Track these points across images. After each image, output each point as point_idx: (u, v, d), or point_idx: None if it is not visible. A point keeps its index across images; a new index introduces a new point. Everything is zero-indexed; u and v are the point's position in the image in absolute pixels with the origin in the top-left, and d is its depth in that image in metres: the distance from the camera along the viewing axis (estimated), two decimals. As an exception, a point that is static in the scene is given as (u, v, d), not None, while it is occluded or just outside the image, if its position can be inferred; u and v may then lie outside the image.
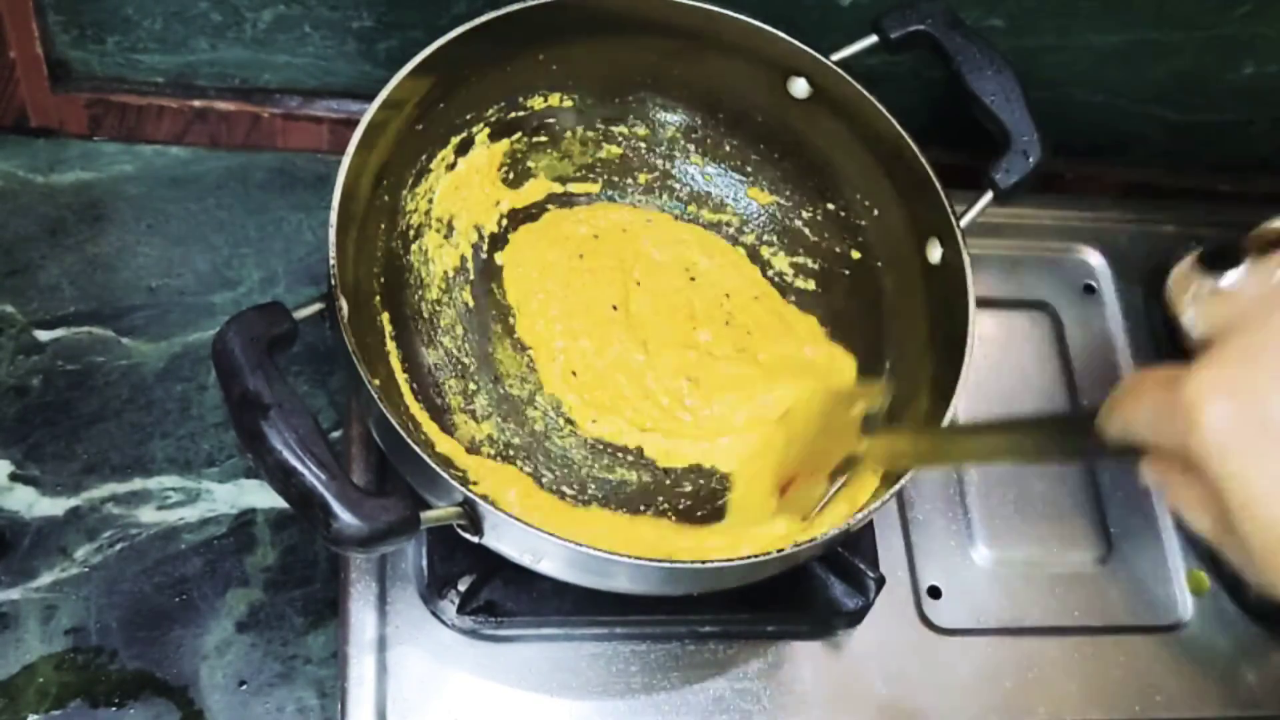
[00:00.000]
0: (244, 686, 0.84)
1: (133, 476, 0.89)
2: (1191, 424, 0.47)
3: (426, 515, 0.68)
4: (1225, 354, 0.48)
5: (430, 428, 0.83)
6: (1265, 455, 0.46)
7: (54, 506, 0.87)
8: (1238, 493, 0.47)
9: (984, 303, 0.82)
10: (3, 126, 0.99)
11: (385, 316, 0.85)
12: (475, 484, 0.83)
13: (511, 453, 0.86)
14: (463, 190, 0.91)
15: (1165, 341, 1.04)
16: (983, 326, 0.98)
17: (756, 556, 0.73)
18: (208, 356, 0.70)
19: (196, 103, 1.00)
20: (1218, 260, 0.49)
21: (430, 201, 0.89)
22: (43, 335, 0.93)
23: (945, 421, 0.78)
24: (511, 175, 0.94)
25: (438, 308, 0.89)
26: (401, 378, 0.84)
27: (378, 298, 0.85)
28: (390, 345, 0.85)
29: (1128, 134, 1.11)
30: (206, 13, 0.94)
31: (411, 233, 0.88)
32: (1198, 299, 0.49)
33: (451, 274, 0.90)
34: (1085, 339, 1.05)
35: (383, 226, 0.85)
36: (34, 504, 0.87)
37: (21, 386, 0.91)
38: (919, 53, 0.88)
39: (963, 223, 0.85)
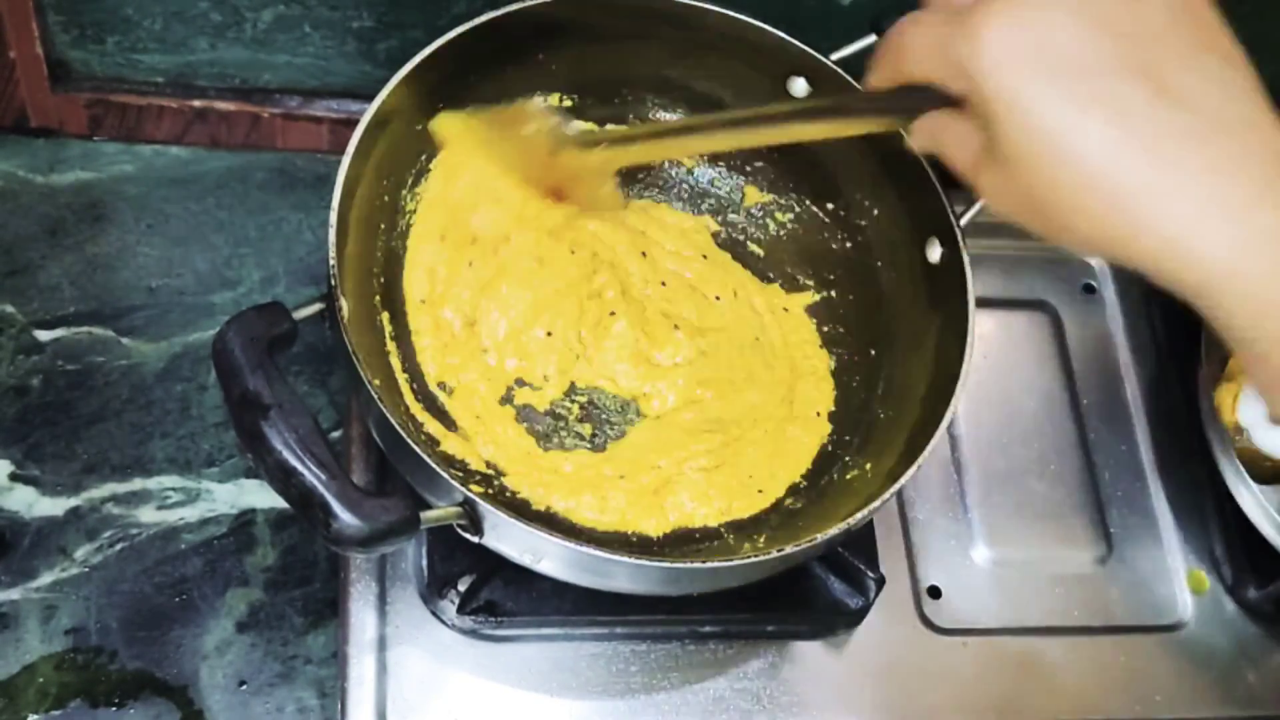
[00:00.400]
0: (244, 686, 0.84)
1: (133, 476, 0.89)
2: (975, 43, 0.49)
3: (426, 515, 0.68)
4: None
5: (431, 427, 0.83)
6: (1039, 76, 0.48)
7: (54, 506, 0.88)
8: (1010, 111, 0.49)
9: (984, 303, 0.82)
10: (3, 126, 0.99)
11: (385, 316, 0.85)
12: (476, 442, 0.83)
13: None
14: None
15: (1165, 341, 1.05)
16: (983, 326, 0.98)
17: (757, 557, 0.73)
18: (208, 356, 0.70)
19: (196, 103, 1.00)
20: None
21: (430, 202, 0.89)
22: (43, 335, 0.93)
23: (945, 422, 0.78)
24: (511, 175, 0.94)
25: (438, 308, 0.89)
26: (401, 377, 0.84)
27: (377, 297, 0.85)
28: (390, 345, 0.85)
29: (1128, 134, 1.11)
30: (206, 13, 0.94)
31: (412, 232, 0.88)
32: None
33: (451, 274, 0.90)
34: (1085, 339, 1.05)
35: (382, 226, 0.85)
36: (34, 504, 0.87)
37: (21, 386, 0.91)
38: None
39: (962, 222, 0.84)
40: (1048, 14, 0.49)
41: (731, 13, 0.87)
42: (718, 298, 0.92)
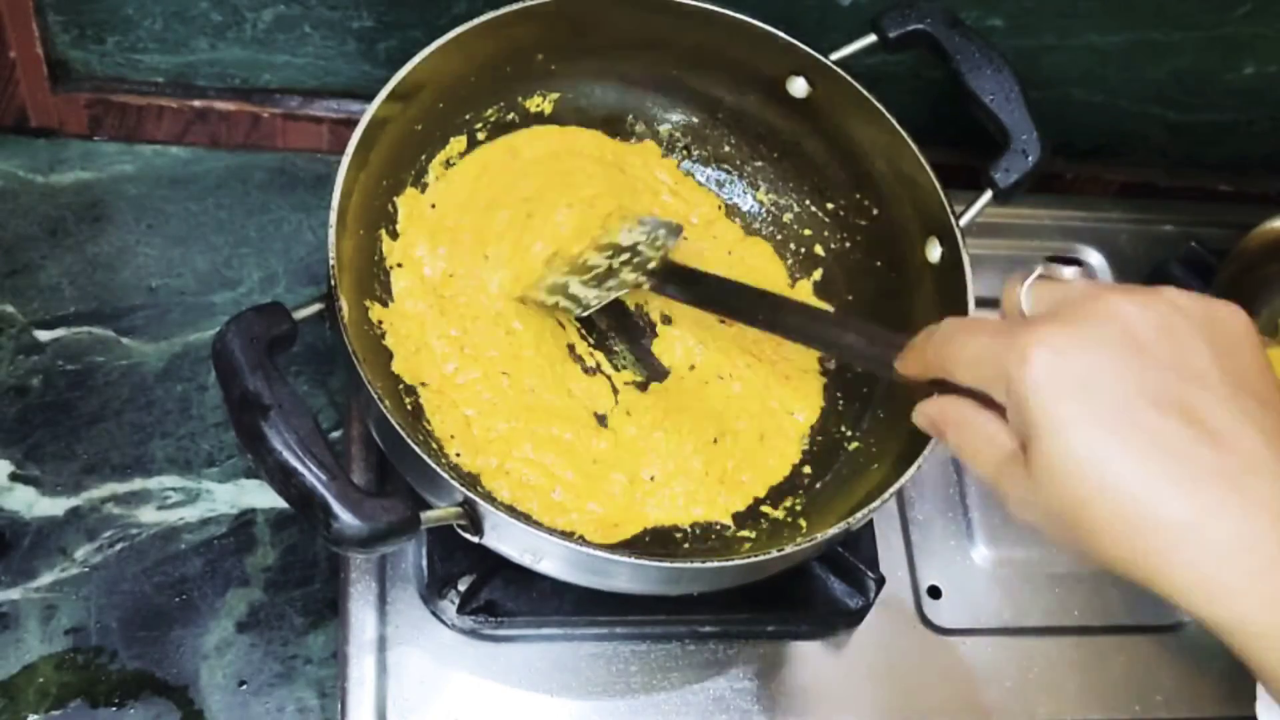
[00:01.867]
0: (244, 686, 0.84)
1: (133, 476, 0.89)
2: (1024, 364, 0.51)
3: (427, 515, 0.68)
4: (1056, 319, 0.52)
5: (430, 427, 0.83)
6: (1083, 405, 0.50)
7: (54, 506, 0.87)
8: (1051, 435, 0.50)
9: (984, 303, 0.82)
10: (3, 126, 0.99)
11: (384, 316, 0.84)
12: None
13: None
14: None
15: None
16: (983, 327, 0.98)
17: (757, 556, 0.73)
18: (208, 356, 0.70)
19: (196, 103, 1.00)
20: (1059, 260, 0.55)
21: (430, 202, 0.89)
22: (43, 335, 0.93)
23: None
24: (510, 176, 0.94)
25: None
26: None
27: (377, 298, 0.84)
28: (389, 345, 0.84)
29: (1128, 134, 1.11)
30: (206, 13, 0.94)
31: (411, 233, 0.88)
32: (1026, 293, 0.54)
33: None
34: (1085, 339, 1.05)
35: (382, 226, 0.85)
36: (34, 504, 0.87)
37: (21, 386, 0.91)
38: (919, 53, 0.88)
39: (962, 221, 0.85)
40: (1096, 343, 0.51)
41: (731, 12, 0.87)
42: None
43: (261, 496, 0.90)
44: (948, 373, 0.57)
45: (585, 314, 0.86)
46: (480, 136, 0.91)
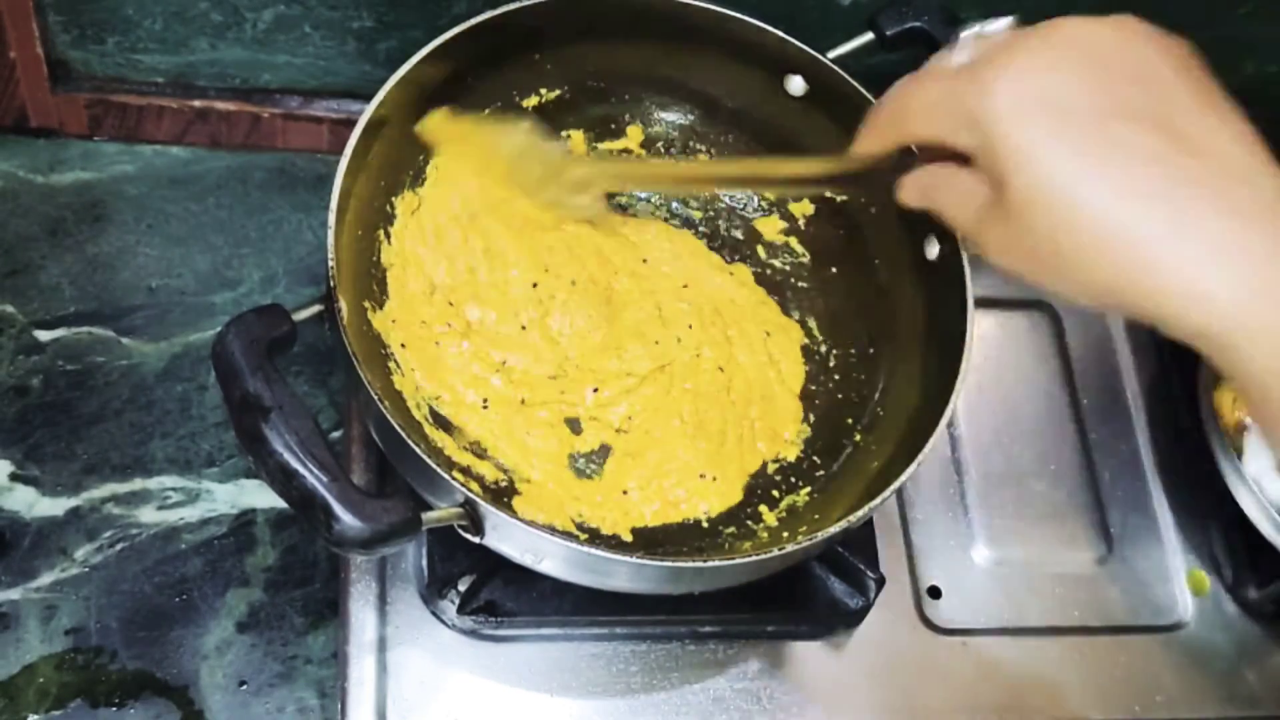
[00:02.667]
0: (244, 686, 0.84)
1: (133, 476, 0.89)
2: (987, 94, 0.50)
3: (428, 516, 0.68)
4: (1009, 52, 0.51)
5: (430, 427, 0.83)
6: (1053, 125, 0.49)
7: (54, 506, 0.88)
8: (1023, 161, 0.49)
9: (984, 302, 0.82)
10: (3, 126, 0.99)
11: (384, 317, 0.84)
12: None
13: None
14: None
15: (1165, 341, 1.04)
16: (982, 326, 0.98)
17: (756, 556, 0.73)
18: (208, 356, 0.70)
19: (196, 103, 1.00)
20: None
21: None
22: (43, 335, 0.93)
23: (944, 420, 0.78)
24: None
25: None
26: (398, 378, 0.83)
27: (376, 298, 0.84)
28: (389, 345, 0.84)
29: (1128, 134, 1.11)
30: (206, 13, 0.94)
31: (410, 233, 0.88)
32: (964, 44, 0.54)
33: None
34: (1085, 339, 1.05)
35: (381, 227, 0.85)
36: (34, 504, 0.87)
37: (21, 386, 0.91)
38: (919, 53, 0.88)
39: (961, 221, 0.85)
40: (1059, 64, 0.50)
41: (729, 11, 0.87)
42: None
43: (261, 496, 0.90)
44: (907, 133, 0.56)
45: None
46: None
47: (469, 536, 0.72)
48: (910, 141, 0.56)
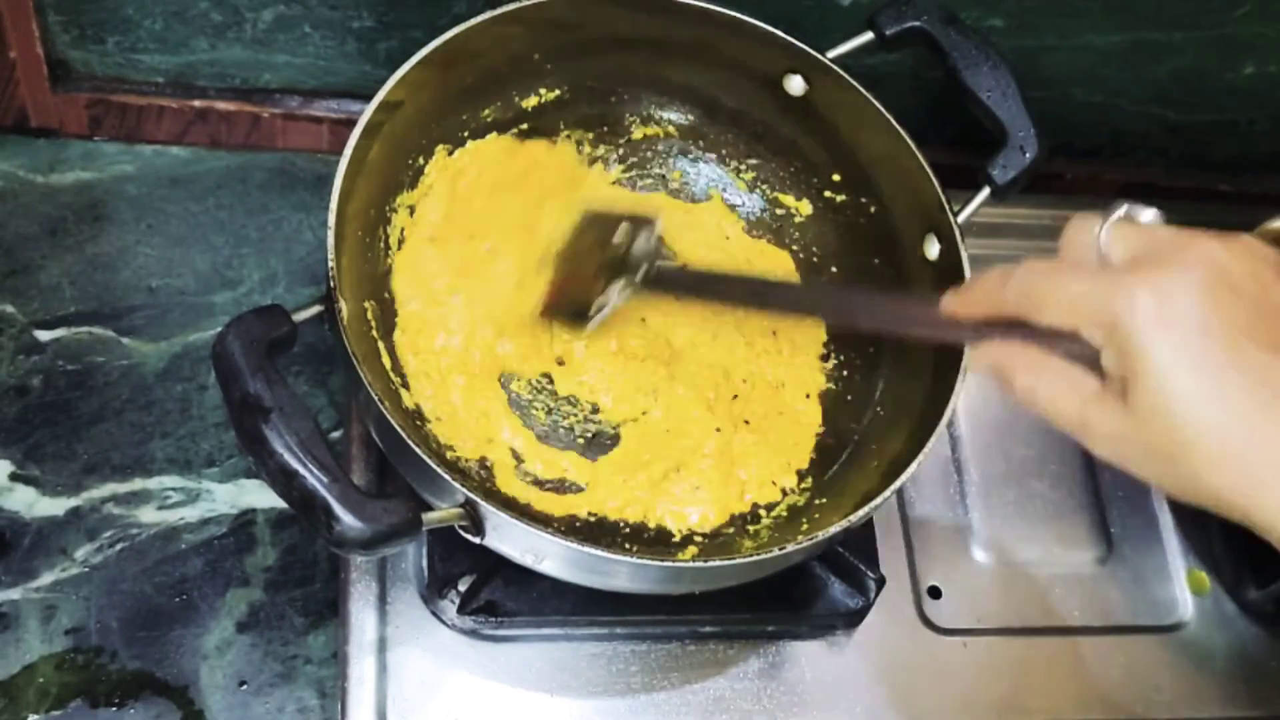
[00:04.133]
0: (244, 686, 0.84)
1: (133, 476, 0.89)
2: (1130, 303, 0.53)
3: (429, 517, 0.68)
4: (1157, 264, 0.54)
5: (431, 428, 0.83)
6: (1182, 345, 0.52)
7: (54, 506, 0.88)
8: (1150, 372, 0.52)
9: (983, 302, 0.82)
10: (3, 126, 0.99)
11: (384, 317, 0.84)
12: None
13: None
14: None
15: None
16: (983, 326, 0.98)
17: (756, 556, 0.73)
18: (208, 356, 0.70)
19: (196, 103, 1.00)
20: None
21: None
22: (43, 335, 0.93)
23: (944, 419, 0.78)
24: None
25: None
26: (397, 380, 0.83)
27: (376, 299, 0.85)
28: (389, 346, 0.84)
29: (1128, 134, 1.11)
30: (206, 13, 0.94)
31: (410, 233, 0.88)
32: (1112, 235, 0.56)
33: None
34: (1085, 339, 1.05)
35: (381, 227, 0.85)
36: (34, 504, 0.87)
37: (21, 386, 0.91)
38: (918, 54, 0.88)
39: (960, 218, 0.85)
40: (1197, 286, 0.52)
41: (728, 10, 0.87)
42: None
43: (261, 496, 0.90)
44: (1030, 312, 0.57)
45: (591, 327, 0.85)
46: (476, 138, 0.91)
47: (470, 537, 0.72)
48: (1024, 320, 0.58)
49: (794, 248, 0.96)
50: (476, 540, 0.73)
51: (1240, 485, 0.52)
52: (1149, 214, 0.58)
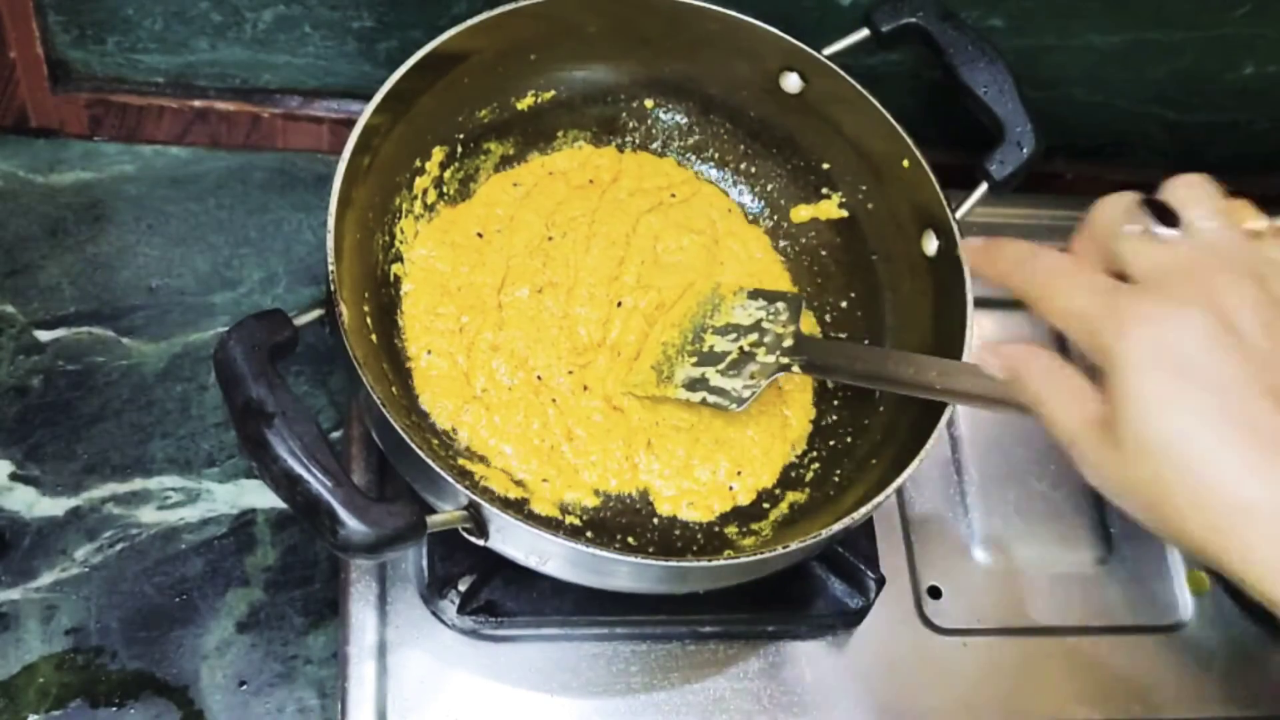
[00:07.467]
0: (244, 686, 0.84)
1: (133, 476, 0.89)
2: (1121, 333, 0.52)
3: (433, 520, 0.68)
4: (1160, 293, 0.53)
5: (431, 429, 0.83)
6: (1172, 385, 0.51)
7: (54, 506, 0.88)
8: (1136, 407, 0.51)
9: (984, 303, 0.82)
10: (3, 126, 0.99)
11: (384, 318, 0.84)
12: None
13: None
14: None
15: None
16: (982, 326, 0.98)
17: (757, 555, 0.73)
18: (208, 356, 0.70)
19: (197, 103, 1.00)
20: (1159, 212, 0.55)
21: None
22: (43, 335, 0.93)
23: (944, 419, 0.78)
24: (506, 176, 0.94)
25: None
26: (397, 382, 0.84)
27: (377, 300, 0.84)
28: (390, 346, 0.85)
29: (1128, 134, 1.11)
30: (206, 13, 0.94)
31: (409, 234, 0.88)
32: (1137, 237, 0.55)
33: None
34: (1085, 339, 1.05)
35: (381, 228, 0.85)
36: (34, 504, 0.87)
37: (21, 386, 0.91)
38: (918, 55, 0.89)
39: (958, 214, 0.85)
40: (1197, 325, 0.51)
41: (723, 9, 0.87)
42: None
43: (261, 496, 0.90)
44: (1034, 304, 0.56)
45: (742, 408, 0.84)
46: (475, 137, 0.91)
47: (473, 539, 0.72)
48: (1024, 298, 0.57)
49: (792, 246, 0.96)
50: (480, 543, 0.73)
51: (1214, 530, 0.51)
52: (1173, 233, 0.56)
